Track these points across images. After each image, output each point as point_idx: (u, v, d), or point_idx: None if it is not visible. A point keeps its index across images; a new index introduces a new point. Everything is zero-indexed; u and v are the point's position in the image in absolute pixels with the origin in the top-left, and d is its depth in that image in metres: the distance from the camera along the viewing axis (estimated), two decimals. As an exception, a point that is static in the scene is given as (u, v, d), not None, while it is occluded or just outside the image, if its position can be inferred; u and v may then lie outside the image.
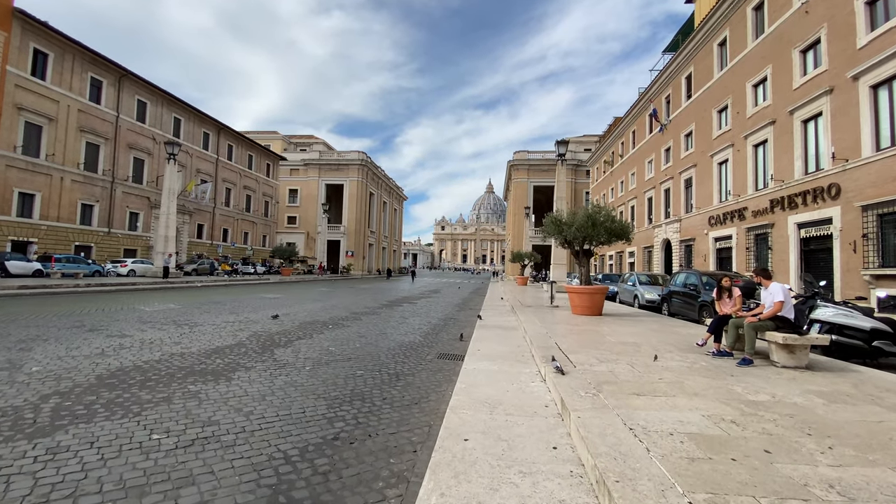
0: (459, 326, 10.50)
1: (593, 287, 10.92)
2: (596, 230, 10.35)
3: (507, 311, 13.21)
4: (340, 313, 11.99)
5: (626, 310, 13.49)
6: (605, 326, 9.03)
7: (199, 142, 41.49)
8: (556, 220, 11.12)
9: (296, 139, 70.60)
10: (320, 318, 10.65)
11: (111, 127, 32.40)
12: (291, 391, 4.70)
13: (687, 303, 11.29)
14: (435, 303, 17.40)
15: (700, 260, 24.16)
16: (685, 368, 5.26)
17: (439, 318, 12.22)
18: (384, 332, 9.08)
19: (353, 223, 60.28)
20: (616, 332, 8.16)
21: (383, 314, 12.35)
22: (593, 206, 10.84)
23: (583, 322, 9.68)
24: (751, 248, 19.72)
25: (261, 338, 7.66)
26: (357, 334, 8.53)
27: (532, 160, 60.68)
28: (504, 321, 10.56)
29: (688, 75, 26.79)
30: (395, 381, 5.28)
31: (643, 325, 9.36)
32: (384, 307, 14.48)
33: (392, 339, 8.19)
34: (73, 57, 29.73)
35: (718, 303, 6.44)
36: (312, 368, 5.69)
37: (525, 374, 5.31)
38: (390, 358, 6.57)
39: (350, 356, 6.53)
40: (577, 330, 8.39)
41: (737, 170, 21.08)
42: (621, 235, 10.58)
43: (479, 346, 7.15)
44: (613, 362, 5.46)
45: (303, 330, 8.76)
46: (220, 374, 5.25)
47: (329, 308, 13.26)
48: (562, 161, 24.60)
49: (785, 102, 17.94)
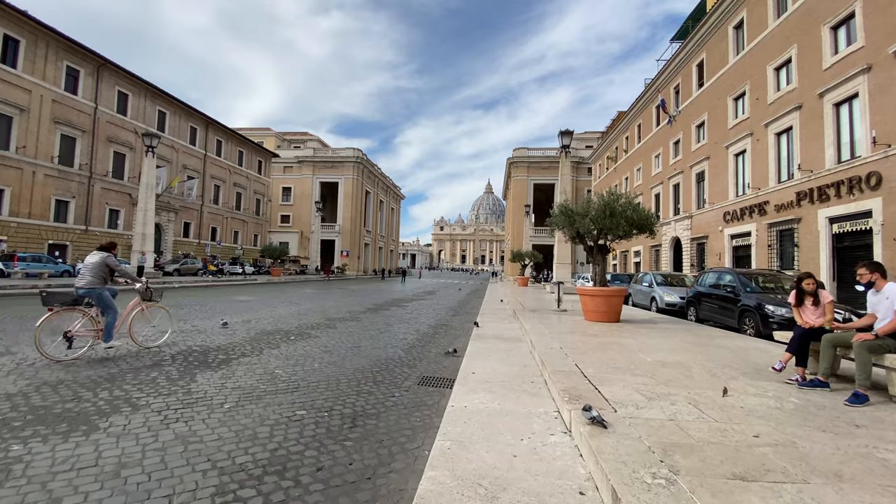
0: (452, 336, 8.80)
1: (611, 289, 9.23)
2: (615, 221, 8.66)
3: (507, 316, 11.51)
4: (313, 320, 10.28)
5: (644, 314, 11.79)
6: (629, 337, 7.33)
7: (186, 136, 39.73)
8: (567, 209, 9.43)
9: (289, 136, 68.85)
10: (285, 327, 8.93)
11: (89, 119, 30.64)
12: (174, 456, 3.00)
13: (722, 307, 9.58)
14: (427, 306, 15.69)
15: (714, 259, 22.49)
16: (776, 411, 3.56)
17: (430, 324, 10.52)
18: (358, 344, 7.36)
19: (349, 222, 58.56)
20: (647, 346, 6.46)
21: (365, 320, 10.63)
22: (610, 192, 9.16)
23: (601, 331, 7.98)
24: (773, 245, 18.06)
25: (190, 356, 5.93)
26: (322, 349, 6.81)
27: (532, 157, 59.03)
28: (505, 329, 8.87)
29: (699, 62, 25.13)
30: (348, 431, 3.57)
31: (676, 336, 7.66)
32: (368, 311, 12.77)
33: (365, 356, 6.48)
34: (46, 44, 27.99)
35: (798, 311, 4.74)
36: (233, 407, 3.98)
37: (539, 416, 3.62)
38: (354, 386, 4.87)
39: (299, 384, 4.82)
40: (598, 343, 6.68)
41: (756, 161, 19.41)
42: (644, 227, 8.90)
43: (475, 365, 5.46)
44: (667, 399, 3.76)
45: (253, 343, 7.04)
46: (76, 421, 3.54)
47: (303, 313, 11.55)
48: (566, 153, 22.93)
49: (813, 85, 16.29)
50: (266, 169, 52.81)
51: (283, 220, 59.56)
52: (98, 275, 5.84)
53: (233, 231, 46.01)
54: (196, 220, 40.96)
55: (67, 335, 5.47)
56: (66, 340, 5.48)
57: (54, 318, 5.43)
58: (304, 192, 58.84)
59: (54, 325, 5.60)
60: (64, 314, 5.56)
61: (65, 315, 5.58)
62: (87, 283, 5.73)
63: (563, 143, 22.49)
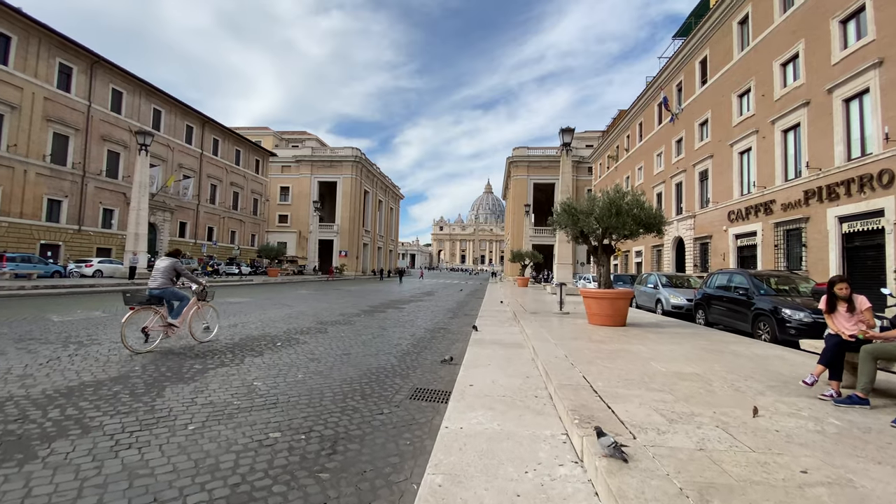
0: (449, 341, 8.34)
1: (616, 291, 8.77)
2: (621, 220, 8.19)
3: (508, 319, 11.05)
4: (304, 323, 9.81)
5: (650, 317, 11.33)
6: (638, 344, 6.87)
7: (182, 135, 39.26)
8: (570, 208, 8.96)
9: (287, 135, 68.36)
10: (272, 332, 8.46)
11: (82, 117, 30.16)
12: (115, 496, 2.54)
13: (734, 310, 9.11)
14: (425, 308, 15.23)
15: (718, 259, 22.04)
16: (817, 435, 3.10)
17: (427, 328, 10.06)
18: (348, 351, 6.89)
19: (347, 222, 58.07)
20: (659, 354, 6.00)
21: (358, 324, 10.17)
22: (615, 189, 8.70)
23: (607, 336, 7.52)
24: (780, 245, 17.61)
25: (162, 366, 5.46)
26: (310, 356, 6.34)
27: (532, 156, 58.58)
28: (505, 334, 8.41)
29: (703, 59, 24.68)
30: (326, 458, 3.11)
31: (688, 342, 7.20)
32: (363, 314, 12.30)
33: (355, 364, 6.02)
34: (39, 41, 27.52)
35: (831, 318, 4.28)
36: (199, 429, 3.52)
37: (545, 441, 3.16)
38: (339, 401, 4.41)
39: (278, 399, 4.36)
40: (605, 351, 6.22)
41: (762, 159, 18.96)
42: (651, 226, 8.44)
43: (473, 376, 5.00)
44: (692, 421, 3.29)
45: (235, 350, 6.57)
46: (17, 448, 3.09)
47: (294, 316, 11.07)
48: (567, 151, 22.49)
49: (822, 80, 15.85)
50: (264, 168, 52.33)
51: (281, 220, 59.09)
52: (168, 277, 6.62)
53: (230, 231, 45.52)
54: (192, 220, 40.48)
55: (144, 330, 6.22)
56: (143, 335, 6.22)
57: (135, 315, 6.22)
58: (303, 191, 58.36)
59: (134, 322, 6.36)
60: (141, 312, 6.33)
61: (142, 313, 6.34)
62: (160, 284, 6.53)
63: (564, 141, 22.06)
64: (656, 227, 8.50)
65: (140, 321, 6.34)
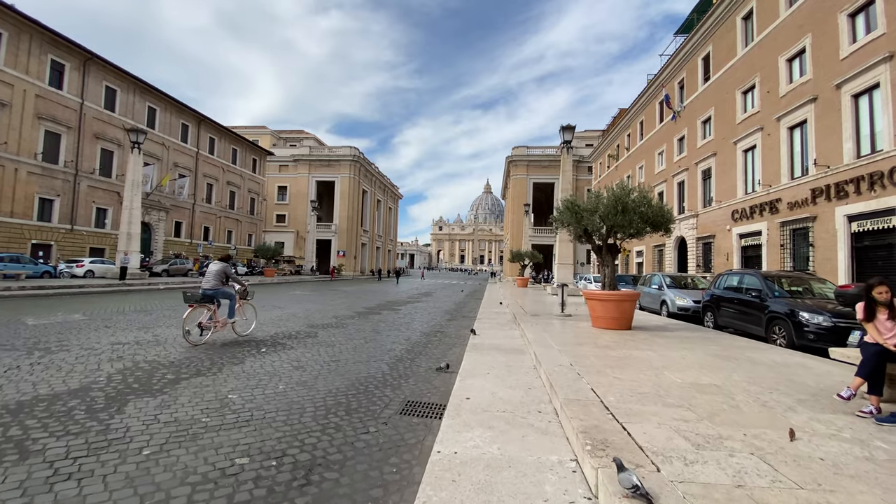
0: (446, 345, 7.90)
1: (622, 293, 8.33)
2: (627, 217, 7.75)
3: (507, 321, 10.62)
4: (293, 327, 9.36)
5: (656, 320, 10.88)
6: (647, 349, 6.44)
7: (178, 133, 38.74)
8: (573, 205, 8.52)
9: (285, 135, 67.89)
10: (259, 336, 8.02)
11: (75, 115, 29.64)
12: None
13: (745, 313, 8.66)
14: (422, 310, 14.79)
15: (721, 259, 21.63)
16: (867, 463, 2.67)
17: (423, 331, 9.62)
18: (337, 357, 6.45)
19: (345, 221, 57.59)
20: (671, 362, 5.57)
21: (352, 327, 9.72)
22: (620, 185, 8.27)
23: (613, 341, 7.09)
24: (786, 245, 17.20)
25: (130, 377, 5.00)
26: (294, 364, 5.90)
27: (531, 156, 58.16)
28: (505, 338, 7.97)
29: (705, 56, 24.27)
30: (298, 493, 2.67)
31: (699, 347, 6.76)
32: (357, 316, 11.86)
33: (343, 373, 5.58)
34: (30, 37, 27.01)
35: (870, 325, 3.84)
36: (155, 454, 3.07)
37: (552, 470, 2.72)
38: (320, 417, 3.96)
39: (252, 415, 3.92)
40: (613, 358, 5.78)
41: (767, 157, 18.55)
42: (659, 224, 8.00)
43: (470, 387, 4.57)
44: (722, 447, 2.85)
45: (214, 358, 6.12)
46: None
47: (284, 319, 10.62)
48: (567, 149, 22.07)
49: (829, 75, 15.44)
50: (261, 167, 51.84)
51: (279, 220, 58.59)
52: (219, 278, 7.44)
53: (226, 231, 45.05)
54: (188, 220, 39.99)
55: (200, 325, 7.08)
56: (199, 329, 7.08)
57: (193, 312, 7.04)
58: (300, 191, 57.88)
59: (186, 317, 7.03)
60: (198, 309, 7.12)
61: (198, 310, 7.14)
62: (213, 285, 7.34)
63: (565, 139, 21.63)
64: (664, 226, 8.07)
65: (195, 317, 7.18)
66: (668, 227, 8.20)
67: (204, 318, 7.09)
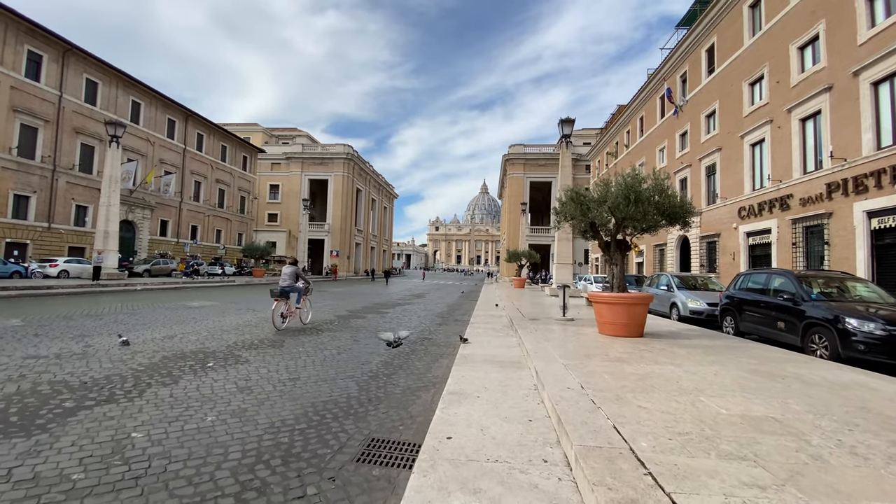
0: (432, 356, 6.84)
1: (634, 295, 7.29)
2: (640, 209, 6.72)
3: (503, 326, 9.57)
4: (259, 334, 8.27)
5: (667, 325, 9.85)
6: (669, 363, 5.41)
7: (164, 129, 37.47)
8: (578, 196, 7.49)
9: (278, 132, 66.65)
10: (212, 346, 6.91)
11: (53, 108, 28.38)
12: None
13: (775, 319, 7.58)
14: (412, 312, 13.73)
15: (727, 259, 20.69)
16: None
17: (411, 337, 8.54)
18: (298, 374, 5.37)
19: (339, 221, 56.39)
20: (705, 382, 4.53)
21: (325, 335, 8.63)
22: (632, 173, 7.24)
23: (626, 352, 6.05)
24: (798, 243, 16.24)
25: (16, 405, 3.90)
26: (241, 384, 4.82)
27: (528, 154, 57.19)
28: (500, 347, 6.92)
29: (709, 47, 23.33)
30: None
31: (729, 360, 5.73)
32: (338, 321, 10.77)
33: (298, 396, 4.50)
34: (5, 27, 25.75)
35: None
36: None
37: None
38: (244, 469, 2.89)
39: (149, 465, 2.84)
40: (632, 376, 4.73)
41: (777, 150, 17.60)
42: (676, 217, 6.98)
43: (454, 418, 3.52)
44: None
45: (144, 375, 5.02)
46: None
47: (254, 324, 9.52)
48: (566, 143, 21.13)
49: (845, 63, 14.49)
50: (252, 165, 50.60)
51: (271, 219, 57.35)
52: (292, 278, 9.26)
53: (215, 230, 43.78)
54: (174, 218, 38.73)
55: (282, 315, 8.87)
56: (281, 318, 8.86)
57: (278, 305, 8.83)
58: (293, 189, 56.63)
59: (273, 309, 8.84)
60: (281, 302, 8.90)
61: (281, 303, 8.90)
62: (288, 283, 9.15)
63: (564, 133, 20.70)
64: (682, 218, 7.04)
65: (280, 309, 8.87)
66: (687, 220, 7.18)
67: (284, 309, 8.94)
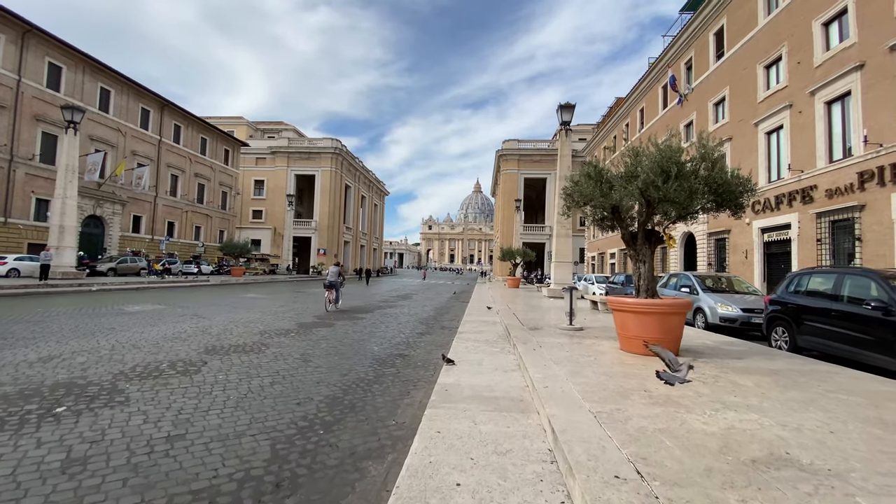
0: (400, 389, 5.03)
1: (669, 302, 5.54)
2: (684, 186, 4.96)
3: (498, 337, 7.78)
4: (180, 353, 6.39)
5: (699, 337, 8.08)
6: (745, 408, 3.68)
7: (136, 119, 35.18)
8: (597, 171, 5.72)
9: (263, 126, 64.33)
10: (97, 373, 5.01)
11: (10, 93, 26.11)
12: None
13: (857, 333, 5.72)
14: (392, 318, 11.92)
15: (738, 257, 19.12)
16: None
17: (376, 356, 6.75)
18: (188, 426, 3.54)
19: (326, 218, 54.26)
20: (819, 445, 2.80)
21: (272, 351, 6.77)
22: (672, 135, 5.51)
23: (670, 387, 4.29)
24: (823, 239, 14.66)
25: None
26: (74, 454, 2.97)
27: (523, 150, 55.49)
28: (495, 371, 5.16)
29: (718, 30, 21.74)
30: None
31: (821, 397, 4.01)
32: (297, 330, 8.90)
33: (150, 483, 2.66)
34: (-47, 3, 23.45)
35: None
36: None
37: None
38: None
39: None
40: (708, 440, 2.98)
41: (798, 137, 16.01)
42: (730, 197, 5.24)
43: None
44: None
45: None
46: None
47: (184, 337, 7.63)
48: (566, 131, 19.43)
49: (880, 37, 12.91)
50: (234, 159, 48.32)
51: (256, 216, 55.09)
52: (336, 276, 13.14)
53: (194, 226, 41.52)
54: (149, 214, 36.47)
55: (329, 300, 12.88)
56: (330, 303, 12.90)
57: (329, 294, 12.89)
58: (279, 185, 54.40)
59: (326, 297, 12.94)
60: (328, 292, 12.93)
61: (329, 293, 12.91)
62: (333, 280, 13.00)
63: (564, 120, 19.01)
64: (737, 200, 5.30)
65: (329, 297, 12.85)
66: (742, 203, 5.45)
67: (331, 297, 12.81)
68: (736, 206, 5.40)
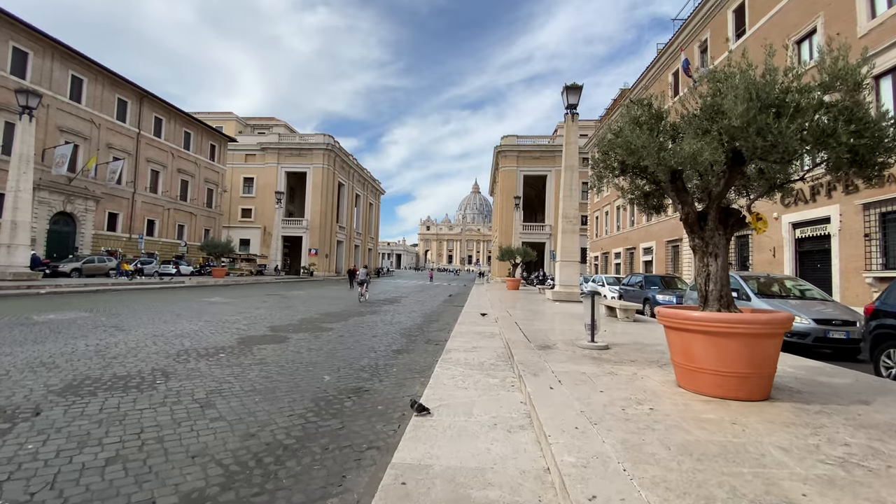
0: (339, 459, 3.01)
1: (760, 318, 3.56)
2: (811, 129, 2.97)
3: (496, 360, 5.78)
4: (75, 374, 4.37)
5: (803, 372, 6.13)
6: None
7: (112, 110, 33.07)
8: (652, 115, 3.73)
9: (253, 121, 62.24)
10: None
11: (-34, 79, 24.04)
12: None
13: None
14: (367, 328, 9.90)
15: (764, 256, 17.17)
16: None
17: (329, 388, 4.73)
18: None
19: (318, 217, 52.15)
20: None
21: (198, 374, 4.78)
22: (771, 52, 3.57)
23: (806, 472, 2.29)
24: (873, 235, 12.70)
25: None
26: None
27: (522, 146, 53.56)
28: (491, 429, 3.17)
29: (738, 6, 19.79)
30: None
31: None
32: (242, 344, 6.87)
33: None
34: None
35: None
36: None
37: None
38: None
39: None
40: None
41: (837, 119, 14.04)
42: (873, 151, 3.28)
43: None
44: None
45: None
46: None
47: (87, 355, 5.63)
48: (573, 115, 17.49)
49: (946, -4, 10.96)
50: (221, 155, 46.21)
51: (245, 215, 52.97)
52: (366, 275, 18.33)
53: (176, 224, 39.39)
54: (126, 211, 34.34)
55: (361, 292, 17.61)
56: (362, 295, 17.50)
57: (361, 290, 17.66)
58: (269, 183, 52.30)
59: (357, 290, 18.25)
60: (361, 287, 17.79)
61: (361, 288, 17.76)
62: (364, 277, 18.06)
63: (570, 103, 17.10)
64: (875, 160, 3.34)
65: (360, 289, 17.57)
66: (883, 162, 3.50)
67: (363, 290, 17.56)
68: (878, 168, 3.45)
